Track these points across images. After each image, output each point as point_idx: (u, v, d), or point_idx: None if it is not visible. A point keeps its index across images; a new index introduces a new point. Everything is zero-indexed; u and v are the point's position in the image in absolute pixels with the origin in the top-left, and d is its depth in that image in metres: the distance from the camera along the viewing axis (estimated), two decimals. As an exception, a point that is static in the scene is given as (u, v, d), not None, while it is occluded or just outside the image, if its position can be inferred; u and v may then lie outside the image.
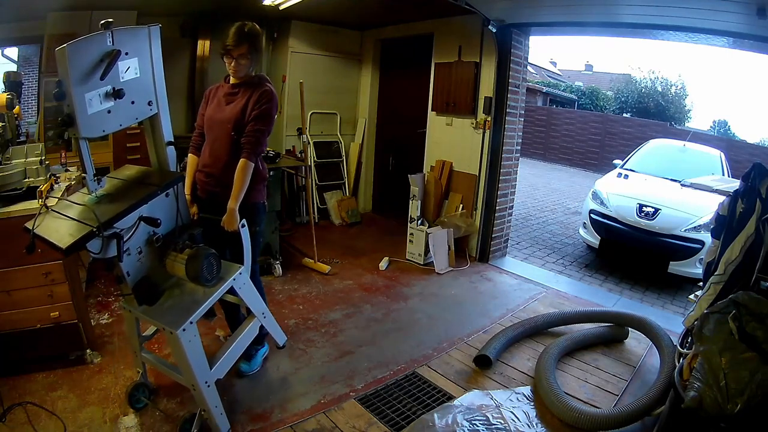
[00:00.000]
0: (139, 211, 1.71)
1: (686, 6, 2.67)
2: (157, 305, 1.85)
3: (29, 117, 3.80)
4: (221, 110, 2.10)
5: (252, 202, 2.14)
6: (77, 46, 1.55)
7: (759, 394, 1.36)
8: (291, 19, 4.63)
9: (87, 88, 1.58)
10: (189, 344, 1.77)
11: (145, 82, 1.78)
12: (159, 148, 1.95)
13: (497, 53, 3.83)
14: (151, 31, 1.78)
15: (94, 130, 1.65)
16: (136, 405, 2.09)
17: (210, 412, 1.88)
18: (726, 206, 1.99)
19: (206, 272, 1.77)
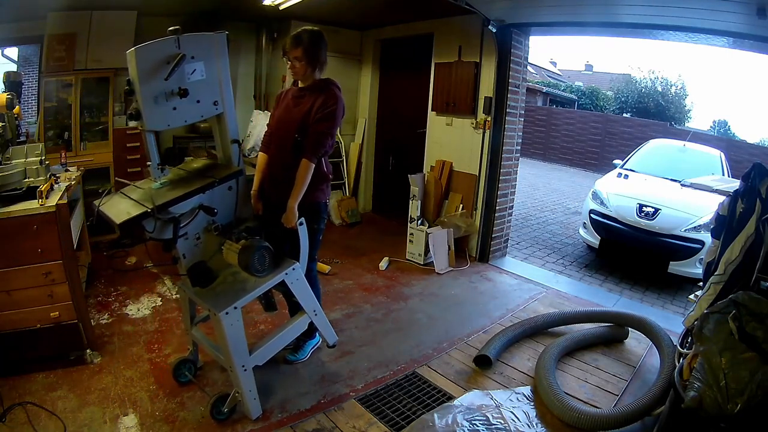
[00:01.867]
0: (198, 200, 1.87)
1: (686, 6, 2.67)
2: (209, 288, 1.99)
3: (29, 117, 3.80)
4: (288, 113, 2.19)
5: (313, 201, 2.21)
6: (144, 49, 1.73)
7: (759, 394, 1.36)
8: (291, 19, 4.63)
9: (152, 86, 1.74)
10: (230, 327, 1.89)
11: (210, 84, 1.91)
12: (224, 144, 2.08)
13: (497, 53, 3.83)
14: (217, 38, 1.93)
15: (159, 124, 1.81)
16: (180, 379, 2.26)
17: (243, 395, 1.98)
18: (726, 206, 1.99)
19: (257, 263, 1.87)
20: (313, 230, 2.23)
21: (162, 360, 2.43)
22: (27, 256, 2.14)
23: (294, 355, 2.49)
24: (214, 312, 1.88)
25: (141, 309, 2.95)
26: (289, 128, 2.15)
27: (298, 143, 2.11)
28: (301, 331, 2.25)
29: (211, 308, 1.90)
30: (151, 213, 1.69)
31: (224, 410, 2.02)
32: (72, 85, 3.82)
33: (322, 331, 2.33)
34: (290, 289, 2.10)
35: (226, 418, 2.03)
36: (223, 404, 2.01)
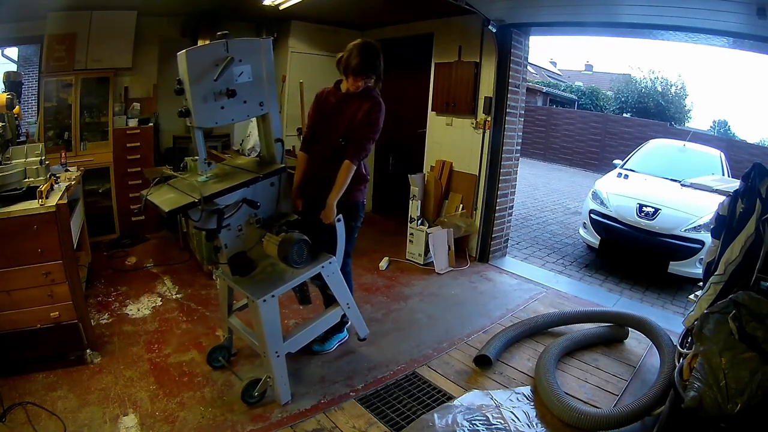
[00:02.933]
0: (242, 193, 1.98)
1: (686, 6, 2.67)
2: (249, 277, 2.11)
3: (29, 117, 3.80)
4: (332, 117, 2.30)
5: (352, 200, 2.33)
6: (195, 52, 1.84)
7: (759, 394, 1.36)
8: (291, 19, 4.63)
9: (202, 86, 1.85)
10: (267, 314, 2.01)
11: (257, 86, 2.02)
12: (269, 143, 2.20)
13: (497, 53, 3.82)
14: (263, 43, 2.07)
15: (207, 122, 1.93)
16: (213, 364, 2.39)
17: (275, 380, 2.10)
18: (726, 206, 1.99)
19: (295, 255, 1.98)
20: (350, 227, 2.34)
21: (162, 360, 2.43)
22: (27, 256, 2.14)
23: (321, 345, 2.58)
24: (252, 299, 2.00)
25: (141, 309, 2.95)
26: (334, 132, 2.26)
27: (342, 146, 2.23)
28: (333, 323, 2.37)
29: (249, 295, 2.01)
30: (198, 203, 1.81)
31: (255, 394, 2.13)
32: (72, 85, 3.82)
33: (354, 323, 2.44)
34: (326, 281, 2.22)
35: (256, 402, 2.13)
36: (255, 388, 2.12)
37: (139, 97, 4.29)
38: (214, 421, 2.01)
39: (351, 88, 2.26)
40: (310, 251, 2.05)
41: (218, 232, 1.96)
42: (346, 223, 2.29)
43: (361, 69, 2.20)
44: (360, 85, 2.24)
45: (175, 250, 3.95)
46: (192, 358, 2.46)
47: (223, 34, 1.90)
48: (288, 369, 2.14)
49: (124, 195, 4.16)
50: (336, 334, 2.63)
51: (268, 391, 2.17)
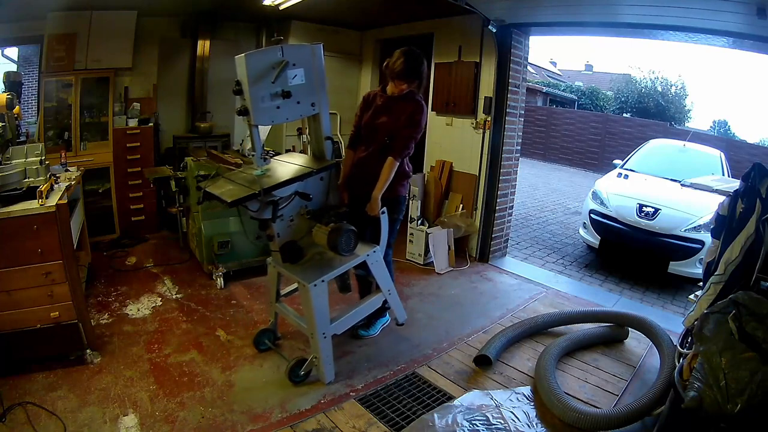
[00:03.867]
0: (295, 186, 2.16)
1: (686, 6, 2.67)
2: (298, 264, 2.27)
3: (29, 117, 3.80)
4: (378, 117, 2.46)
5: (396, 195, 2.51)
6: (253, 56, 2.01)
7: (759, 394, 1.36)
8: (291, 19, 4.63)
9: (260, 88, 2.02)
10: (317, 298, 2.17)
11: (309, 88, 2.19)
12: (319, 140, 2.37)
13: (497, 53, 3.82)
14: (314, 48, 2.21)
15: (264, 120, 2.11)
16: (259, 347, 2.56)
17: (320, 360, 2.26)
18: (726, 206, 1.99)
19: (343, 244, 2.14)
20: (392, 220, 2.51)
21: (162, 360, 2.43)
22: (27, 256, 2.14)
23: (365, 330, 2.75)
24: (303, 283, 2.16)
25: (141, 309, 2.95)
26: (379, 131, 2.43)
27: (386, 144, 2.40)
28: (375, 308, 2.54)
29: (301, 280, 2.18)
30: (258, 195, 1.99)
31: (301, 373, 2.28)
32: (72, 85, 3.82)
33: (394, 308, 2.61)
34: (370, 269, 2.40)
35: (302, 381, 2.29)
36: (301, 368, 2.27)
37: (139, 97, 4.29)
38: (214, 421, 2.01)
39: (395, 92, 2.41)
40: (356, 241, 2.21)
41: (273, 221, 2.12)
42: (389, 215, 2.45)
43: (403, 73, 2.34)
44: (403, 89, 2.39)
45: (175, 250, 3.95)
46: (192, 358, 2.46)
47: (277, 40, 2.12)
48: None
49: (124, 195, 4.16)
50: (379, 318, 2.79)
51: (313, 371, 2.31)
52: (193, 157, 3.62)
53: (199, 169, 3.34)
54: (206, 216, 3.35)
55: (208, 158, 3.60)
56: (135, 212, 4.25)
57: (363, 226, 2.39)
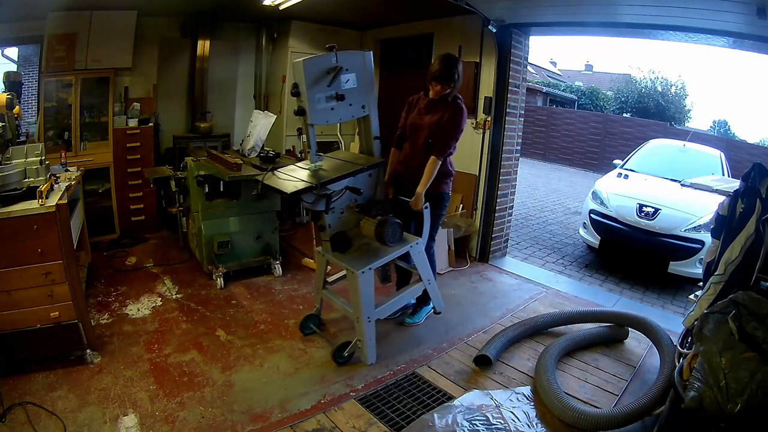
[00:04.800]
0: (346, 181, 2.34)
1: (686, 6, 2.67)
2: (347, 254, 2.45)
3: (29, 117, 3.80)
4: (421, 119, 2.65)
5: (439, 191, 2.68)
6: (310, 61, 2.20)
7: (759, 394, 1.36)
8: (291, 19, 4.63)
9: (316, 90, 2.21)
10: (364, 285, 2.35)
11: (360, 91, 2.38)
12: (368, 140, 2.57)
13: (497, 53, 3.82)
14: (365, 55, 2.41)
15: (320, 120, 2.29)
16: (305, 331, 2.75)
17: (364, 342, 2.43)
18: (726, 206, 1.99)
19: (389, 235, 2.34)
20: (435, 215, 2.66)
21: (162, 360, 2.43)
22: (27, 256, 2.14)
23: (411, 318, 2.92)
24: (352, 270, 2.34)
25: (141, 309, 2.95)
26: (422, 132, 2.61)
27: (429, 144, 2.57)
28: (415, 296, 2.77)
29: (349, 268, 2.35)
30: (315, 188, 2.18)
31: (345, 355, 2.45)
32: (72, 85, 3.82)
33: (432, 297, 2.77)
34: (412, 259, 2.59)
35: (345, 363, 2.46)
36: (345, 350, 2.44)
37: (139, 97, 4.29)
38: (214, 421, 2.01)
39: (434, 94, 2.60)
40: (401, 233, 2.44)
41: (326, 212, 2.30)
42: (432, 211, 2.61)
43: (439, 75, 2.52)
44: (438, 90, 2.57)
45: (175, 250, 3.95)
46: (192, 358, 2.47)
47: (331, 47, 2.27)
48: (287, 370, 2.13)
49: (124, 195, 4.16)
50: (424, 306, 2.96)
51: (356, 353, 2.48)
52: (193, 157, 3.61)
53: (199, 169, 3.34)
54: (206, 216, 3.36)
55: (208, 158, 3.60)
56: (135, 212, 4.25)
57: (407, 219, 2.62)
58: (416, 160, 2.63)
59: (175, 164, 3.99)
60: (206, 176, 3.28)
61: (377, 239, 2.36)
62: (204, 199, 3.32)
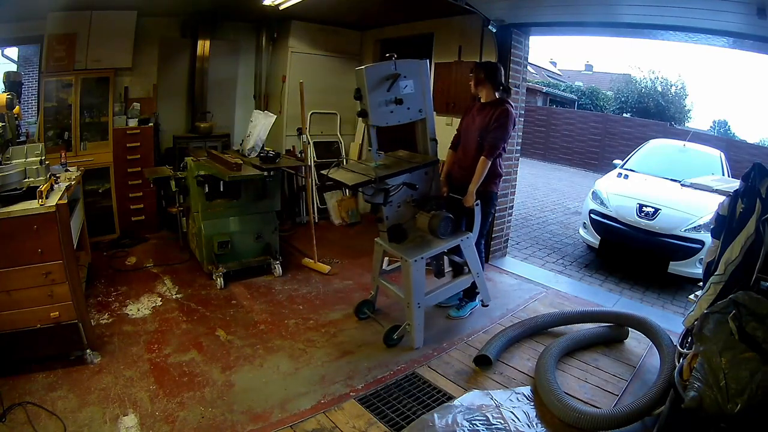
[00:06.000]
0: (404, 177, 2.55)
1: (686, 6, 2.67)
2: (402, 244, 2.65)
3: (29, 117, 3.80)
4: (473, 122, 2.86)
5: (489, 190, 2.86)
6: (372, 68, 2.42)
7: (759, 394, 1.36)
8: (291, 19, 4.63)
9: (377, 94, 2.43)
10: (416, 272, 2.54)
11: (417, 96, 2.59)
12: (425, 141, 2.76)
13: (497, 53, 3.82)
14: (421, 64, 2.62)
15: (380, 121, 2.49)
16: (359, 316, 2.96)
17: (413, 327, 2.61)
18: (726, 206, 1.99)
19: (442, 228, 2.56)
20: (485, 212, 2.86)
21: (162, 360, 2.43)
22: (27, 256, 2.14)
23: (457, 311, 3.06)
24: (406, 259, 2.54)
25: (141, 309, 2.95)
26: (474, 134, 2.81)
27: (480, 144, 2.75)
28: (463, 288, 2.95)
29: (404, 256, 2.56)
30: (374, 181, 2.37)
31: (395, 337, 2.65)
32: (72, 85, 3.82)
33: (480, 289, 2.98)
34: (463, 252, 2.79)
35: (395, 345, 2.65)
36: (395, 333, 2.64)
37: (139, 97, 4.29)
38: (214, 421, 2.01)
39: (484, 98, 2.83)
40: (453, 227, 2.64)
41: (384, 205, 2.51)
42: (482, 208, 2.80)
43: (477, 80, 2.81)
44: (475, 92, 2.85)
45: (175, 250, 3.95)
46: (192, 358, 2.47)
47: (390, 55, 2.47)
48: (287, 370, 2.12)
49: (124, 195, 4.16)
50: (470, 302, 3.11)
51: (405, 337, 2.66)
52: (193, 157, 3.61)
53: (199, 169, 3.34)
54: (206, 216, 3.36)
55: (208, 158, 3.60)
56: (135, 212, 4.25)
57: (459, 216, 2.78)
58: (468, 160, 2.83)
59: (175, 164, 3.99)
60: (206, 176, 3.28)
61: (430, 232, 2.58)
62: (204, 199, 3.32)
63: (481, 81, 2.79)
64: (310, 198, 4.16)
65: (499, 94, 2.82)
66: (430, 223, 2.56)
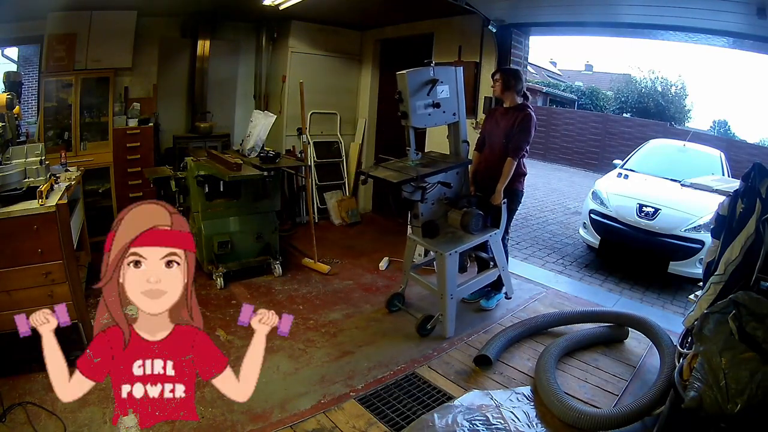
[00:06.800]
0: (440, 176, 2.72)
1: (686, 6, 2.67)
2: (435, 239, 2.78)
3: (29, 117, 3.80)
4: (497, 125, 3.01)
5: (515, 188, 3.03)
6: (413, 72, 2.59)
7: (759, 394, 1.36)
8: (291, 19, 4.63)
9: (417, 98, 2.61)
10: (450, 265, 2.70)
11: (452, 100, 2.77)
12: (457, 143, 2.96)
13: (497, 53, 3.82)
14: (456, 70, 2.80)
15: (419, 123, 2.69)
16: (391, 308, 3.10)
17: (445, 317, 2.76)
18: (726, 206, 1.99)
19: (473, 224, 2.70)
20: (511, 209, 3.05)
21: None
22: (27, 256, 2.14)
23: (486, 302, 3.24)
24: (441, 252, 2.71)
25: (141, 309, 2.94)
26: (499, 137, 2.97)
27: (505, 147, 2.90)
28: (490, 281, 3.11)
29: (438, 250, 2.73)
30: (416, 179, 2.54)
31: (428, 327, 2.79)
32: (72, 85, 3.82)
33: (505, 282, 3.17)
34: (491, 247, 2.99)
35: (427, 334, 2.78)
36: (428, 323, 2.78)
37: (139, 97, 4.29)
38: (214, 421, 2.01)
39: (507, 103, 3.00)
40: (483, 223, 2.79)
41: (421, 202, 2.66)
42: (508, 206, 2.97)
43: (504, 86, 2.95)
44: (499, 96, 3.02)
45: (175, 250, 3.94)
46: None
47: (428, 62, 2.65)
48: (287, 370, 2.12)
49: (124, 195, 4.16)
50: (497, 293, 3.27)
51: (437, 328, 2.79)
52: (193, 157, 3.61)
53: (199, 169, 3.34)
54: (206, 216, 3.36)
55: (208, 158, 3.60)
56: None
57: (485, 213, 2.90)
58: (494, 161, 2.97)
59: (175, 164, 3.99)
60: (206, 176, 3.28)
61: (462, 228, 2.72)
62: (204, 199, 3.32)
63: (510, 87, 2.93)
64: (310, 198, 4.16)
65: (521, 99, 2.97)
66: (463, 220, 2.70)
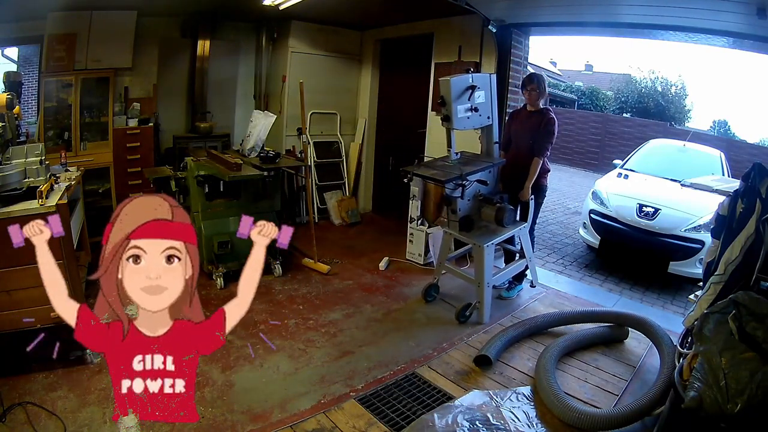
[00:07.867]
0: (479, 175, 2.93)
1: (686, 6, 2.67)
2: (471, 233, 3.00)
3: (29, 117, 3.80)
4: (523, 127, 3.24)
5: (540, 184, 3.23)
6: (456, 79, 2.82)
7: (759, 394, 1.36)
8: (291, 19, 4.63)
9: (458, 102, 2.84)
10: (487, 256, 2.92)
11: (487, 105, 2.99)
12: (490, 144, 3.17)
13: (497, 53, 3.82)
14: (491, 77, 3.01)
15: (460, 126, 2.91)
16: (427, 298, 3.28)
17: (482, 304, 2.98)
18: (726, 206, 1.99)
19: (507, 218, 2.92)
20: (537, 204, 3.25)
21: (162, 360, 2.43)
22: (27, 256, 2.12)
23: (507, 292, 3.44)
24: (479, 245, 2.93)
25: (141, 309, 2.95)
26: (525, 137, 3.19)
27: (531, 147, 3.12)
28: (519, 271, 3.34)
29: (476, 242, 2.96)
30: (461, 177, 2.74)
31: (467, 314, 2.99)
32: (72, 85, 3.82)
33: (531, 272, 3.39)
34: (520, 239, 3.22)
35: (466, 321, 2.98)
36: (467, 310, 2.99)
37: (139, 97, 4.29)
38: (214, 421, 2.01)
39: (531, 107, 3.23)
40: (515, 217, 3.06)
41: (462, 198, 2.86)
42: (535, 200, 3.19)
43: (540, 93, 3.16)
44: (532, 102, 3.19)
45: (175, 250, 3.94)
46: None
47: (467, 69, 2.95)
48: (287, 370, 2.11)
49: (124, 195, 4.08)
50: (518, 285, 3.48)
51: (474, 315, 3.00)
52: (193, 157, 3.61)
53: (199, 169, 3.34)
54: (206, 216, 3.35)
55: (208, 158, 3.60)
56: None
57: (515, 208, 3.14)
58: (521, 160, 3.16)
59: (175, 164, 3.99)
60: (206, 176, 3.28)
61: (496, 222, 2.92)
62: (204, 199, 3.32)
63: (543, 94, 3.16)
64: (310, 198, 4.16)
65: (543, 103, 3.23)
66: (497, 214, 2.91)
